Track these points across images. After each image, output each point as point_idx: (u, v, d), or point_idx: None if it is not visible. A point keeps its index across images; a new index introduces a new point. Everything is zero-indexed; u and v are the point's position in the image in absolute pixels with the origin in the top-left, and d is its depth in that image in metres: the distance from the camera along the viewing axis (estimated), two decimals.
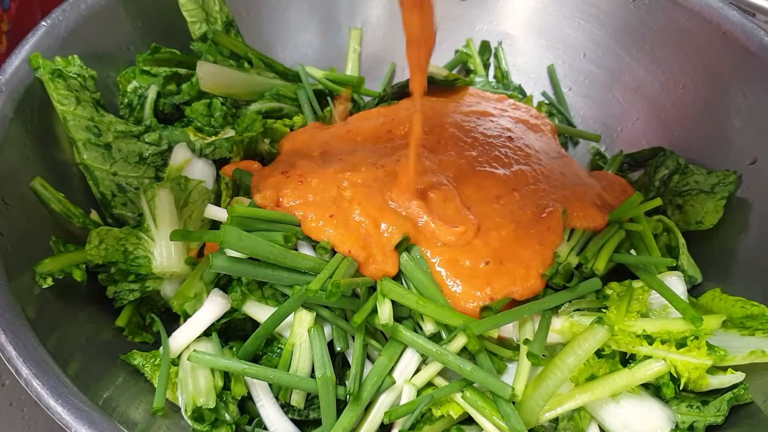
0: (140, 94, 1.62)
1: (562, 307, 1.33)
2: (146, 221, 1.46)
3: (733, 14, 1.61)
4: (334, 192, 1.40)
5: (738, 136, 1.60)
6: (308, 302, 1.27)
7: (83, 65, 1.51)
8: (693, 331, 1.26)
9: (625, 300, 1.31)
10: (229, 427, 1.26)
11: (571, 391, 1.25)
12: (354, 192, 1.39)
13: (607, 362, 1.28)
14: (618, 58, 1.83)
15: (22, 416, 1.42)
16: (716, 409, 1.26)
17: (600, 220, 1.44)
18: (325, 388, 1.21)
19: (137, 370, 1.35)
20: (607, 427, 1.27)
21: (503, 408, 1.22)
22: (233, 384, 1.30)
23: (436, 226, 1.36)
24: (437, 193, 1.41)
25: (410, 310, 1.30)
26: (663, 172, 1.66)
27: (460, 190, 1.44)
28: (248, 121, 1.61)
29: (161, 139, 1.57)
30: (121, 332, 1.42)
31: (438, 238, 1.35)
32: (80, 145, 1.47)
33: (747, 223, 1.54)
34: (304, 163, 1.49)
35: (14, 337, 1.12)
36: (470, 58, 1.95)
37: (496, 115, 1.67)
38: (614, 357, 1.29)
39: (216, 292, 1.36)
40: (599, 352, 1.25)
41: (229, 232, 1.21)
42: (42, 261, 1.32)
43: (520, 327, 1.31)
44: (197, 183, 1.51)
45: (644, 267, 1.39)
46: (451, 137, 1.56)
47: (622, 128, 1.87)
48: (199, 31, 1.74)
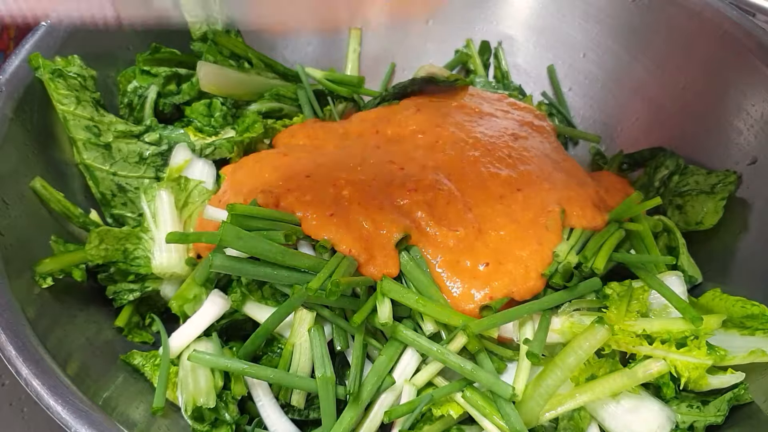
0: (140, 94, 1.62)
1: (562, 307, 1.33)
2: (146, 221, 1.46)
3: (733, 14, 1.61)
4: (333, 191, 1.40)
5: (738, 136, 1.60)
6: (308, 302, 1.27)
7: (83, 65, 1.51)
8: (693, 331, 1.26)
9: (625, 300, 1.31)
10: (229, 427, 1.26)
11: (571, 391, 1.25)
12: (353, 191, 1.39)
13: (607, 362, 1.27)
14: (618, 58, 1.83)
15: (22, 416, 1.42)
16: (716, 409, 1.26)
17: (599, 220, 1.44)
18: (325, 387, 1.21)
19: (137, 370, 1.35)
20: (607, 428, 1.27)
21: (503, 408, 1.21)
22: (233, 384, 1.30)
23: (437, 229, 1.36)
24: (438, 194, 1.41)
25: (410, 310, 1.30)
26: (663, 172, 1.66)
27: (460, 190, 1.44)
28: (249, 122, 1.61)
29: (161, 139, 1.57)
30: (120, 332, 1.43)
31: (438, 241, 1.35)
32: (80, 145, 1.47)
33: (747, 223, 1.54)
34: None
35: (14, 337, 1.12)
36: (470, 58, 1.95)
37: (497, 116, 1.67)
38: (614, 357, 1.29)
39: (215, 293, 1.36)
40: (599, 351, 1.25)
41: (229, 231, 1.21)
42: (42, 261, 1.32)
43: (520, 327, 1.31)
44: (197, 183, 1.51)
45: (644, 266, 1.39)
46: (451, 137, 1.56)
47: (622, 128, 1.87)
48: (199, 31, 1.74)
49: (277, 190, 1.39)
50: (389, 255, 1.32)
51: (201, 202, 1.50)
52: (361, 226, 1.34)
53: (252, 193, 1.39)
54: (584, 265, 1.35)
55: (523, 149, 1.56)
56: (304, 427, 1.31)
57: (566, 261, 1.34)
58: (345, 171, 1.45)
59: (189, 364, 1.29)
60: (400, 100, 1.72)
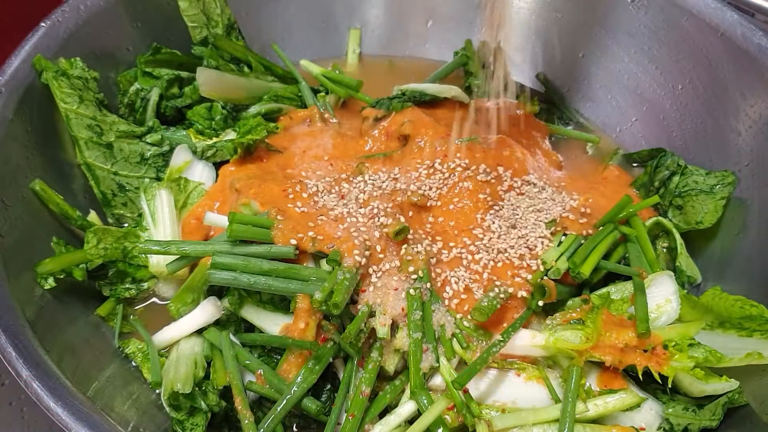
0: (143, 97, 1.62)
1: (546, 321, 1.33)
2: (145, 220, 1.47)
3: (731, 15, 1.60)
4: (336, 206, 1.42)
5: (736, 137, 1.59)
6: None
7: (85, 67, 1.51)
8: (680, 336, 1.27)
9: (601, 313, 1.31)
10: (204, 415, 1.25)
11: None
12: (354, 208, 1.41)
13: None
14: (617, 58, 1.83)
15: (22, 416, 1.43)
16: (711, 413, 1.26)
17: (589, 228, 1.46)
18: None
19: (137, 371, 1.35)
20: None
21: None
22: (214, 374, 1.29)
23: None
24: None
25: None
26: (663, 172, 1.66)
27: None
28: (252, 124, 1.61)
29: (163, 140, 1.58)
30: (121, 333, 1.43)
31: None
32: (82, 144, 1.48)
33: (745, 224, 1.54)
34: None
35: (14, 339, 1.13)
36: (470, 60, 1.94)
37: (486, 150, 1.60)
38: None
39: (209, 300, 1.37)
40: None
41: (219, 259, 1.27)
42: (42, 261, 1.32)
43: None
44: (197, 185, 1.52)
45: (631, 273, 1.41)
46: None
47: (621, 129, 1.87)
48: (199, 35, 1.75)
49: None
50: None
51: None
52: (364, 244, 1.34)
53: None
54: (572, 271, 1.35)
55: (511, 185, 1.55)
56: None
57: (555, 267, 1.35)
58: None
59: (175, 355, 1.32)
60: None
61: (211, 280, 1.27)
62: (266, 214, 1.35)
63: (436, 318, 1.30)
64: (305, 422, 1.32)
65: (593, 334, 1.27)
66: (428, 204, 1.44)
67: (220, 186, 1.54)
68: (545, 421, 1.22)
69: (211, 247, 1.31)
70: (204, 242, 1.37)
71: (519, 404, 1.26)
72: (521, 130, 1.73)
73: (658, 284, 1.36)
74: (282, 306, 1.33)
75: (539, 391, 1.27)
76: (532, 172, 1.59)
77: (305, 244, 1.30)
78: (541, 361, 1.31)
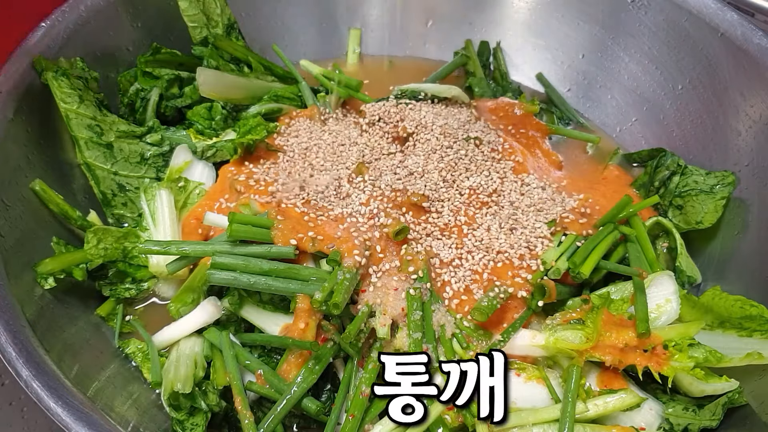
0: (143, 97, 1.62)
1: (546, 321, 1.33)
2: (145, 220, 1.47)
3: (731, 15, 1.60)
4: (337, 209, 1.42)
5: (736, 137, 1.60)
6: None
7: (86, 68, 1.52)
8: (680, 336, 1.27)
9: (601, 313, 1.31)
10: (204, 414, 1.25)
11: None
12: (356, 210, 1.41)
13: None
14: (617, 58, 1.83)
15: (22, 416, 1.43)
16: (711, 413, 1.26)
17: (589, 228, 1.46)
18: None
19: (137, 371, 1.36)
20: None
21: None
22: (214, 374, 1.29)
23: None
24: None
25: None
26: (663, 172, 1.66)
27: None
28: (252, 124, 1.61)
29: (163, 140, 1.58)
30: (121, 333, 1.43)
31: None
32: (82, 144, 1.48)
33: (745, 225, 1.54)
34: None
35: (14, 339, 1.13)
36: (470, 60, 1.95)
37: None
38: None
39: (209, 300, 1.37)
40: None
41: (218, 259, 1.27)
42: (42, 261, 1.32)
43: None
44: (197, 185, 1.52)
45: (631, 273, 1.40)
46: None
47: (621, 129, 1.87)
48: (199, 36, 1.75)
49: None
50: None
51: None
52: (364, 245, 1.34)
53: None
54: (572, 271, 1.35)
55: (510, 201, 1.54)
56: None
57: (555, 267, 1.35)
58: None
59: (174, 355, 1.32)
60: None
61: (211, 280, 1.27)
62: (266, 214, 1.36)
63: (436, 318, 1.30)
64: (305, 422, 1.32)
65: (593, 334, 1.27)
66: (428, 204, 1.44)
67: (220, 186, 1.54)
68: (545, 421, 1.21)
69: (211, 248, 1.32)
70: (204, 242, 1.38)
71: (519, 404, 1.25)
72: (521, 130, 1.73)
73: (658, 284, 1.36)
74: (282, 306, 1.33)
75: (539, 391, 1.27)
76: (532, 172, 1.60)
77: (305, 245, 1.31)
78: (541, 361, 1.31)
